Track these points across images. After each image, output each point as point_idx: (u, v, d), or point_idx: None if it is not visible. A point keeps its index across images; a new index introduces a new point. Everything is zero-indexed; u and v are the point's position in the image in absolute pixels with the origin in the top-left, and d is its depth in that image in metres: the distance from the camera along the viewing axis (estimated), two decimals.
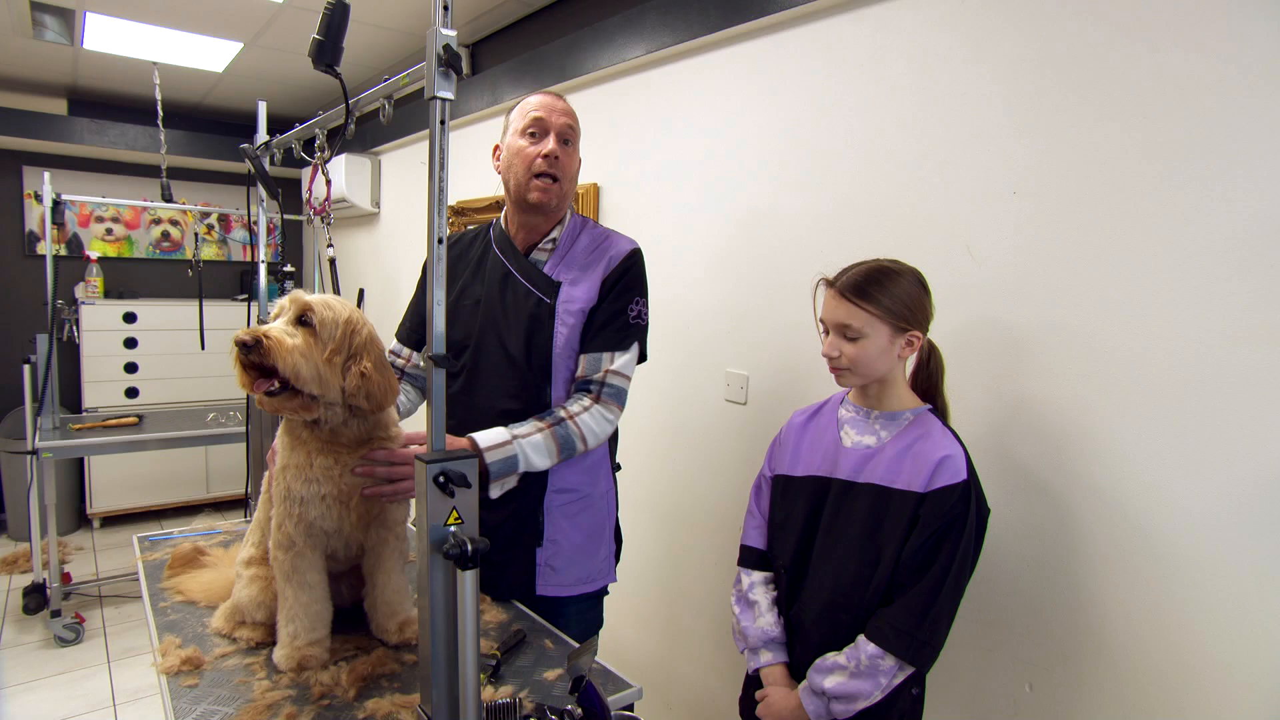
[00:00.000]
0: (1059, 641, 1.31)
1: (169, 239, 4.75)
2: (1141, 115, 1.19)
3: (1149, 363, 1.19)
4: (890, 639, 1.15)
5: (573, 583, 1.49)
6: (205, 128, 4.61)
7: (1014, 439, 1.37)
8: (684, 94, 2.08)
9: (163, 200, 3.37)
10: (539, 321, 1.40)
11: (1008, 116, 1.37)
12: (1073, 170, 1.28)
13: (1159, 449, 1.18)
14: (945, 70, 1.47)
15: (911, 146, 1.53)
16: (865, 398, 1.30)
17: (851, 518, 1.23)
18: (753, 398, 1.93)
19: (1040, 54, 1.32)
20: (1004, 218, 1.38)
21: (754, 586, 1.37)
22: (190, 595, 1.46)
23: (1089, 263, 1.26)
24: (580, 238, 1.47)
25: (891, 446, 1.22)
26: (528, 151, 1.39)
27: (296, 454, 1.16)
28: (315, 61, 1.18)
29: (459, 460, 0.93)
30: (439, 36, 0.90)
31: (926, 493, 1.16)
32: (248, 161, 1.66)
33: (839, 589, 1.23)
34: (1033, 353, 1.34)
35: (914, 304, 1.22)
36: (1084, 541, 1.28)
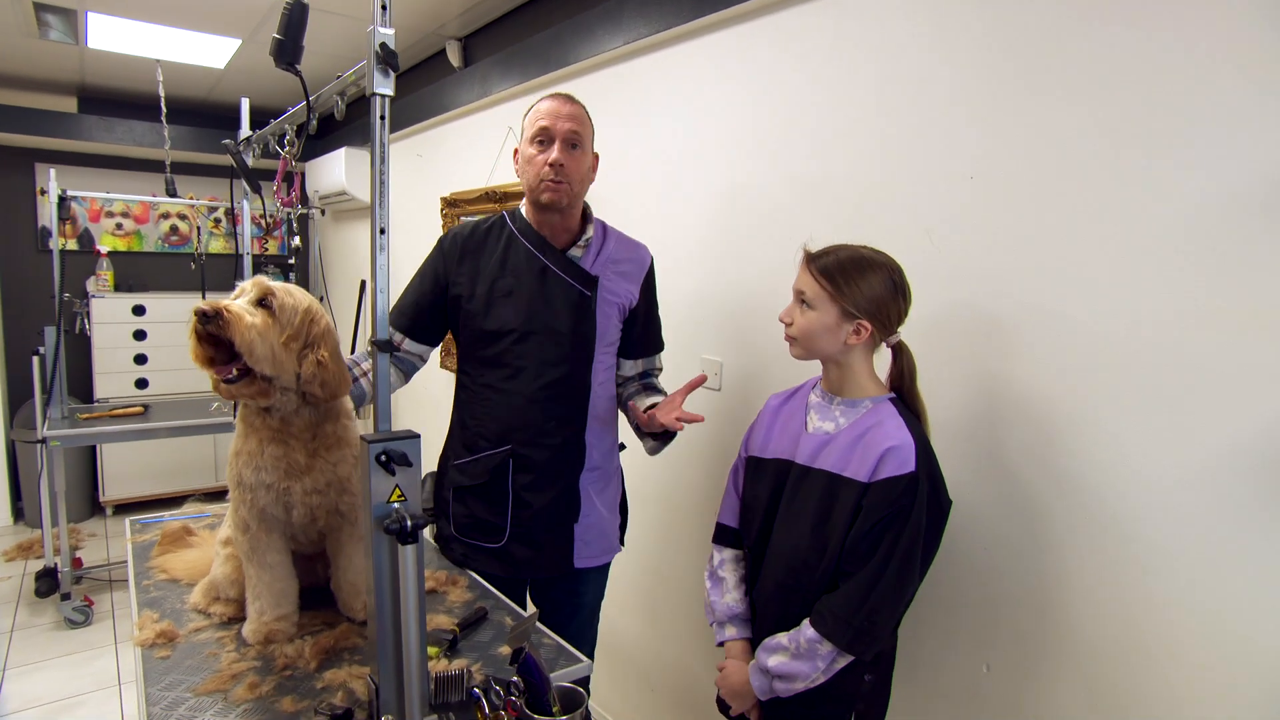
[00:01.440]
0: (1017, 623, 1.34)
1: (177, 233, 4.86)
2: (1097, 96, 1.20)
3: (1111, 344, 1.21)
4: (828, 625, 1.19)
5: (598, 553, 1.65)
6: (211, 123, 4.70)
7: (979, 423, 1.40)
8: (659, 84, 2.11)
9: (167, 195, 3.45)
10: (582, 311, 1.54)
11: (964, 101, 1.39)
12: (1030, 153, 1.30)
13: (1121, 429, 1.20)
14: (904, 56, 1.49)
15: (872, 133, 1.55)
16: (829, 384, 1.33)
17: (805, 503, 1.26)
18: (727, 384, 1.96)
19: (997, 38, 1.34)
20: (962, 202, 1.40)
21: (723, 563, 1.42)
22: (174, 573, 1.53)
23: (1048, 245, 1.28)
24: (608, 237, 1.63)
25: (846, 434, 1.25)
26: (537, 159, 1.50)
27: (249, 441, 1.21)
28: (276, 60, 1.22)
29: (400, 440, 0.98)
30: (377, 35, 0.94)
31: (870, 483, 1.18)
32: (230, 157, 1.72)
33: (790, 572, 1.27)
34: (994, 337, 1.36)
35: (875, 300, 1.23)
36: (1043, 523, 1.30)
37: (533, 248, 1.55)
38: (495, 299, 1.54)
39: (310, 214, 3.52)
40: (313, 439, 1.22)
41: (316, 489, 1.22)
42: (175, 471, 4.46)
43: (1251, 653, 1.06)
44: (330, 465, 1.23)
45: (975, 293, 1.39)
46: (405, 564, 0.96)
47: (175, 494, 4.46)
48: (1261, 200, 1.04)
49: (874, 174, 1.56)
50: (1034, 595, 1.31)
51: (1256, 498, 1.06)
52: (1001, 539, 1.36)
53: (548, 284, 1.53)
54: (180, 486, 4.46)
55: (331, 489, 1.24)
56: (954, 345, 1.43)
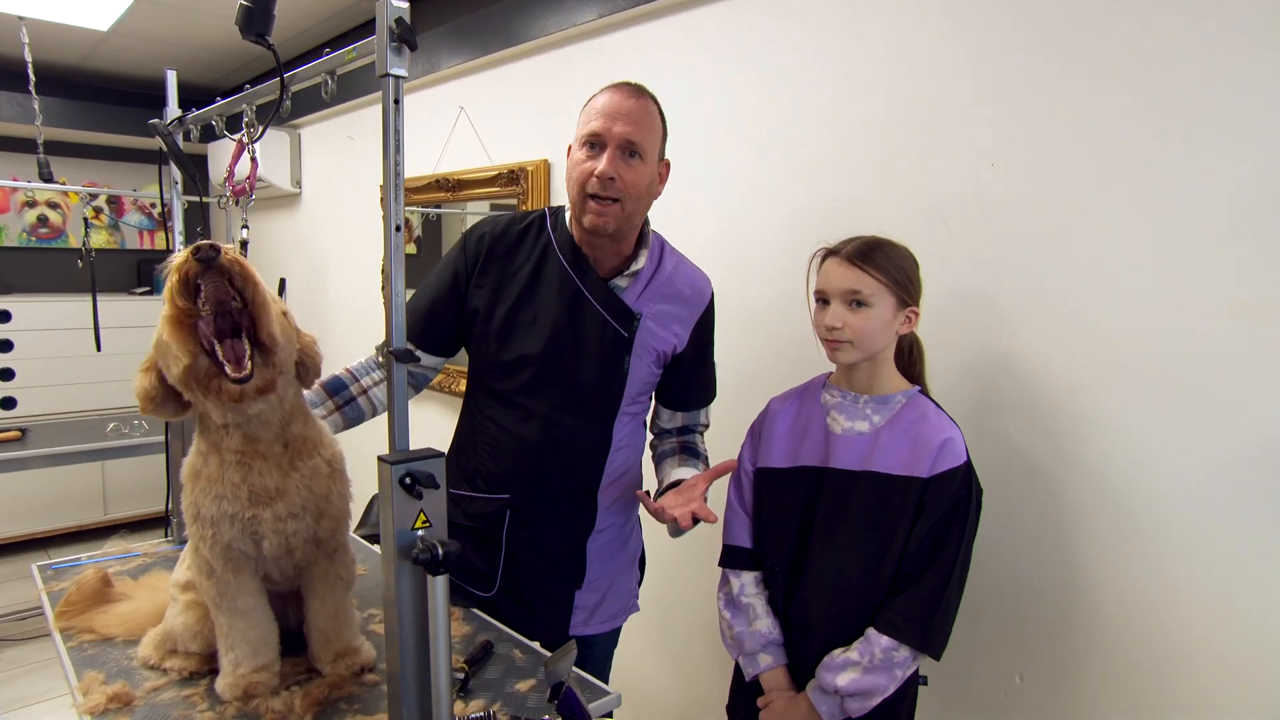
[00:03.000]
0: (1048, 629, 1.42)
1: (47, 224, 4.60)
2: (1126, 80, 1.29)
3: (1135, 336, 1.29)
4: (904, 630, 1.24)
5: (605, 619, 1.57)
6: (87, 95, 4.45)
7: (998, 417, 1.48)
8: (643, 62, 2.13)
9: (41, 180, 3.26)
10: (615, 356, 1.42)
11: (984, 85, 1.46)
12: (1053, 139, 1.37)
13: (1147, 425, 1.29)
14: (919, 36, 1.55)
15: (885, 117, 1.61)
16: (852, 381, 1.37)
17: (852, 508, 1.30)
18: (722, 386, 1.99)
19: (1018, 17, 1.41)
20: (982, 190, 1.47)
21: (745, 588, 1.43)
22: (105, 631, 1.41)
23: (1071, 235, 1.36)
24: (663, 263, 1.49)
25: (887, 432, 1.30)
26: (583, 167, 1.35)
27: (209, 463, 1.11)
28: (244, 31, 1.19)
29: (424, 460, 0.97)
30: (391, 9, 0.93)
31: (930, 478, 1.25)
32: (159, 139, 1.65)
33: (844, 583, 1.31)
34: (1015, 328, 1.44)
35: (913, 277, 1.32)
36: (1071, 522, 1.39)
37: (569, 268, 1.42)
38: (516, 325, 1.42)
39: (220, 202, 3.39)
40: (284, 448, 1.14)
41: (291, 513, 1.14)
42: (54, 506, 4.21)
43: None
44: (305, 481, 1.15)
45: (994, 284, 1.47)
46: (435, 598, 0.95)
47: (54, 532, 4.22)
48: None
49: (885, 161, 1.62)
50: (1063, 599, 1.40)
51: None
52: (1025, 539, 1.44)
53: (580, 316, 1.41)
54: (61, 523, 4.22)
55: (307, 512, 1.16)
56: (972, 338, 1.50)
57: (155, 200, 4.82)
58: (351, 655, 1.25)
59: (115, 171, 4.72)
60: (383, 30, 0.94)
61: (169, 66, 1.90)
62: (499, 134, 2.59)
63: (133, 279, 4.76)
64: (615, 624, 1.60)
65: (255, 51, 3.86)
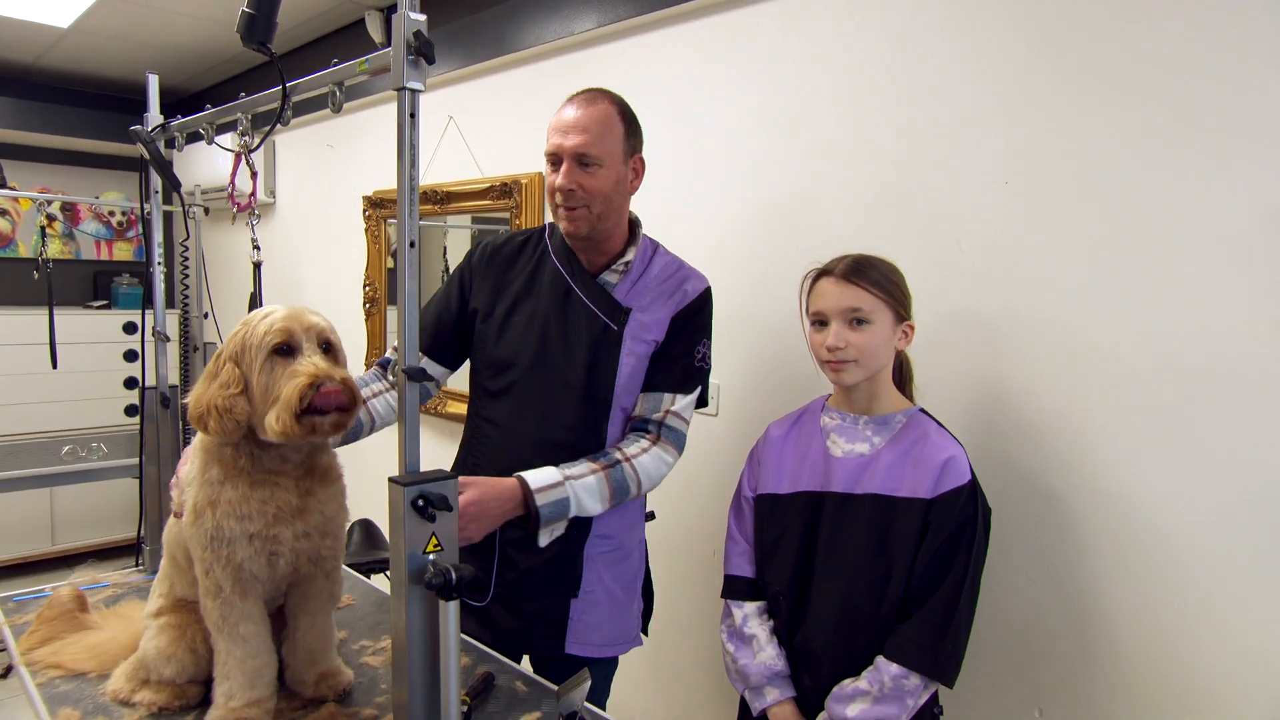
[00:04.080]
0: (1067, 661, 1.47)
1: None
2: (1143, 97, 1.35)
3: (1149, 360, 1.36)
4: (913, 656, 1.28)
5: (602, 643, 1.59)
6: (39, 96, 4.45)
7: (1008, 440, 1.53)
8: (642, 73, 2.19)
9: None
10: (604, 349, 1.51)
11: (998, 100, 1.53)
12: (1069, 157, 1.44)
13: (1161, 451, 1.35)
14: (929, 50, 1.62)
15: (894, 133, 1.68)
16: (852, 402, 1.43)
17: (854, 532, 1.35)
18: (724, 407, 2.05)
19: (1032, 32, 1.48)
20: (996, 209, 1.54)
21: (748, 619, 1.47)
22: (75, 666, 1.40)
23: (1086, 255, 1.42)
24: (653, 262, 1.60)
25: (888, 452, 1.36)
26: (549, 182, 1.52)
27: (231, 487, 1.18)
28: (245, 39, 1.23)
29: (437, 481, 1.01)
30: (409, 22, 0.98)
31: (934, 498, 1.30)
32: (141, 147, 1.68)
33: (849, 609, 1.35)
34: (1026, 350, 1.50)
35: (905, 290, 1.40)
36: (1086, 551, 1.44)
37: (561, 267, 1.57)
38: (512, 324, 1.56)
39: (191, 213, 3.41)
40: (306, 475, 1.22)
41: (307, 532, 1.22)
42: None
43: None
44: (320, 505, 1.24)
45: (1007, 303, 1.53)
46: (446, 623, 0.99)
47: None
48: None
49: (894, 178, 1.68)
50: (1080, 628, 1.45)
51: None
52: (1039, 566, 1.49)
53: (569, 311, 1.54)
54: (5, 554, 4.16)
55: (316, 532, 1.24)
56: (983, 358, 1.56)
57: (114, 209, 4.82)
58: (334, 677, 1.31)
59: (71, 177, 4.71)
60: (399, 43, 0.98)
61: (133, 68, 1.94)
62: (491, 145, 2.64)
63: (88, 291, 4.74)
64: (614, 651, 1.62)
65: (228, 53, 3.90)
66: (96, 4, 3.27)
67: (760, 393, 1.96)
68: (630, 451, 1.50)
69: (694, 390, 1.57)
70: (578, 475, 1.43)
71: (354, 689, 1.33)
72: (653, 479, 1.51)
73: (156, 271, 1.82)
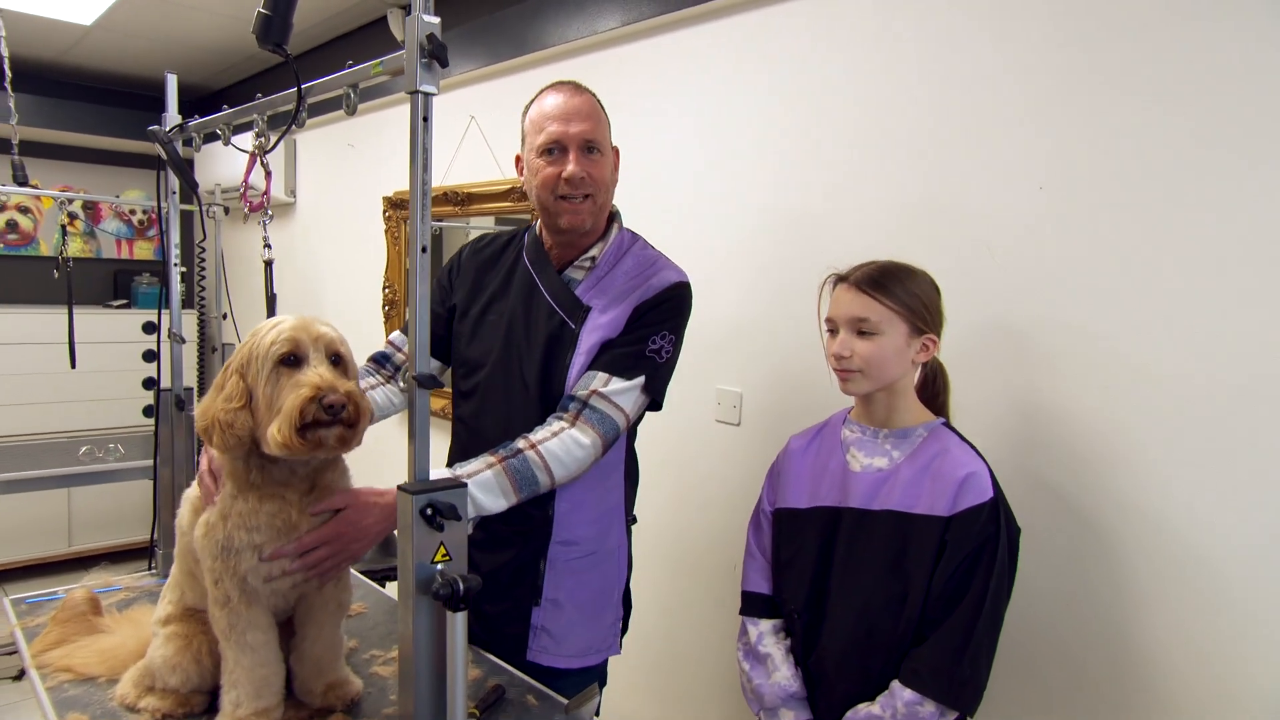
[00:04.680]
0: (1102, 688, 1.45)
1: (17, 230, 4.69)
2: (1186, 97, 1.34)
3: (1191, 374, 1.34)
4: (928, 682, 1.27)
5: (572, 653, 1.57)
6: (61, 93, 4.56)
7: (1040, 456, 1.52)
8: (667, 73, 2.20)
9: (15, 183, 3.35)
10: (559, 347, 1.51)
11: (1033, 101, 1.52)
12: (1107, 161, 1.43)
13: (1202, 469, 1.33)
14: (960, 49, 1.62)
15: (923, 135, 1.68)
16: (871, 415, 1.42)
17: (870, 549, 1.35)
18: (747, 418, 2.05)
19: (1068, 30, 1.47)
20: (1029, 214, 1.53)
21: (763, 637, 1.47)
22: (85, 670, 1.44)
23: (1125, 263, 1.41)
24: (624, 259, 1.57)
25: (907, 467, 1.35)
26: (548, 173, 1.48)
27: (242, 500, 1.22)
28: (261, 40, 1.26)
29: (447, 490, 1.02)
30: (422, 25, 1.00)
31: (952, 516, 1.29)
32: (159, 147, 1.72)
33: (863, 630, 1.34)
34: (1061, 362, 1.49)
35: (930, 304, 1.38)
36: (1123, 573, 1.42)
37: (529, 264, 1.59)
38: (485, 323, 1.59)
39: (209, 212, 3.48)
40: (310, 490, 1.25)
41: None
42: (11, 537, 4.25)
43: None
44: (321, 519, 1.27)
45: (1041, 314, 1.51)
46: (454, 636, 1.00)
47: (9, 565, 4.26)
48: None
49: (923, 182, 1.68)
50: (1116, 656, 1.43)
51: None
52: (1073, 589, 1.47)
53: (533, 308, 1.55)
54: (18, 555, 4.26)
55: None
56: (1015, 371, 1.55)
57: (135, 207, 4.93)
58: (343, 687, 1.33)
59: (93, 175, 4.82)
60: (413, 46, 1.00)
61: (155, 66, 1.98)
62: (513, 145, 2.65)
63: (109, 290, 4.85)
64: (585, 662, 1.58)
65: (249, 51, 3.97)
66: (119, 1, 3.35)
67: (784, 403, 1.96)
68: (537, 437, 1.40)
69: (635, 378, 1.45)
70: (471, 472, 1.34)
71: (363, 699, 1.35)
72: (566, 465, 1.40)
73: (174, 272, 1.87)
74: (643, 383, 1.47)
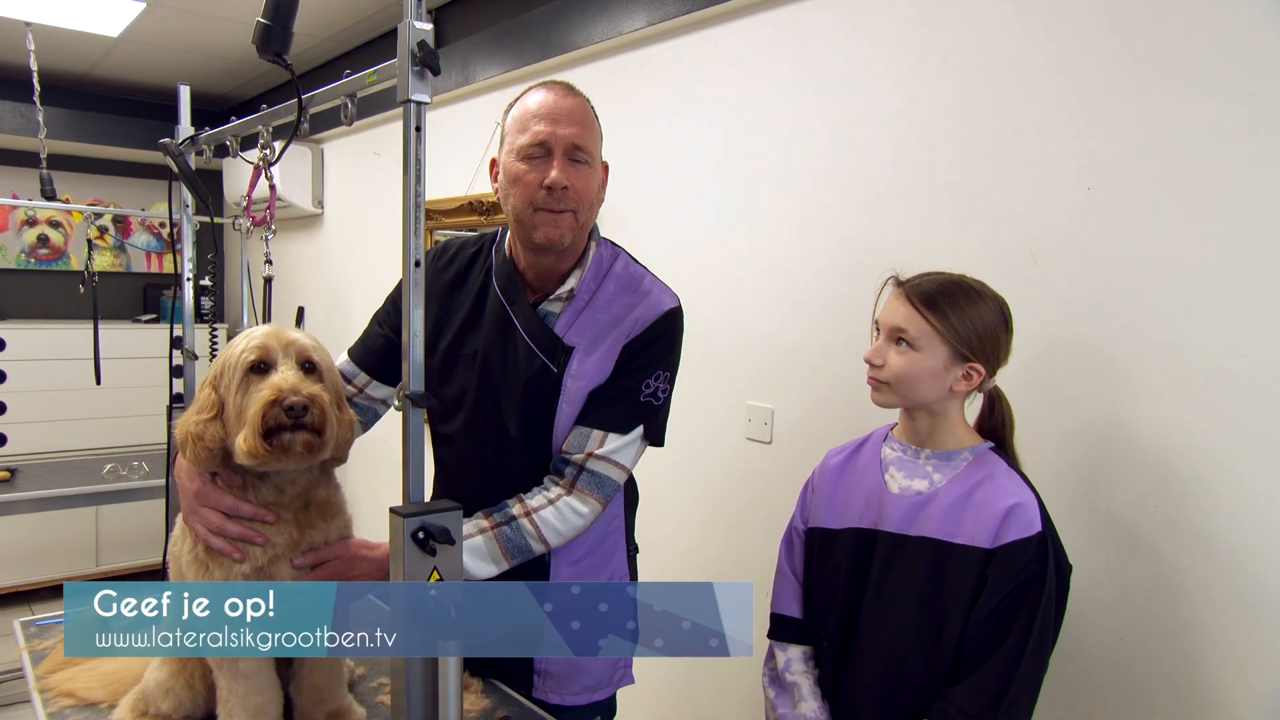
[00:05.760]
0: None
1: (48, 245, 4.86)
2: (1245, 88, 1.30)
3: (1266, 388, 1.28)
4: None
5: (579, 691, 1.54)
6: (92, 105, 4.71)
7: (1100, 484, 1.47)
8: (695, 74, 2.21)
9: (43, 198, 3.47)
10: (541, 393, 1.42)
11: (1077, 97, 1.48)
12: (1161, 159, 1.39)
13: (1271, 487, 1.27)
14: (1003, 43, 1.59)
15: (962, 133, 1.65)
16: (914, 433, 1.39)
17: (905, 578, 1.32)
18: (779, 436, 2.03)
19: (1117, 19, 1.44)
20: (1076, 217, 1.49)
21: (791, 664, 1.45)
22: (87, 695, 1.47)
23: (1183, 269, 1.36)
24: (605, 284, 1.47)
25: (947, 492, 1.32)
26: (528, 179, 1.38)
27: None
28: (261, 50, 1.29)
29: (440, 514, 1.03)
30: (413, 32, 1.02)
31: (995, 549, 1.25)
32: (169, 159, 1.77)
33: (894, 663, 1.32)
34: (1119, 379, 1.45)
35: (986, 334, 1.32)
36: (1195, 611, 1.36)
37: (500, 292, 1.47)
38: (458, 359, 1.49)
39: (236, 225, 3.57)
40: (304, 509, 1.26)
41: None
42: (41, 555, 4.37)
43: None
44: (318, 538, 1.28)
45: (1089, 326, 1.48)
46: (446, 664, 1.01)
47: (39, 584, 4.38)
48: None
49: (964, 184, 1.65)
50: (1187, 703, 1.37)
51: None
52: (1137, 630, 1.42)
53: (509, 347, 1.45)
54: (47, 574, 4.39)
55: None
56: (1070, 393, 1.51)
57: (164, 220, 5.08)
58: (344, 716, 1.34)
59: (123, 188, 4.98)
60: (404, 54, 1.02)
61: (183, 77, 2.04)
62: None
63: (138, 305, 5.00)
64: (594, 697, 1.56)
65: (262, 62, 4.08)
66: (144, 13, 3.47)
67: (819, 420, 1.93)
68: (533, 503, 1.38)
69: (633, 429, 1.42)
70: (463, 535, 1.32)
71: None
72: (561, 534, 1.39)
73: (186, 286, 1.92)
74: (641, 432, 1.44)
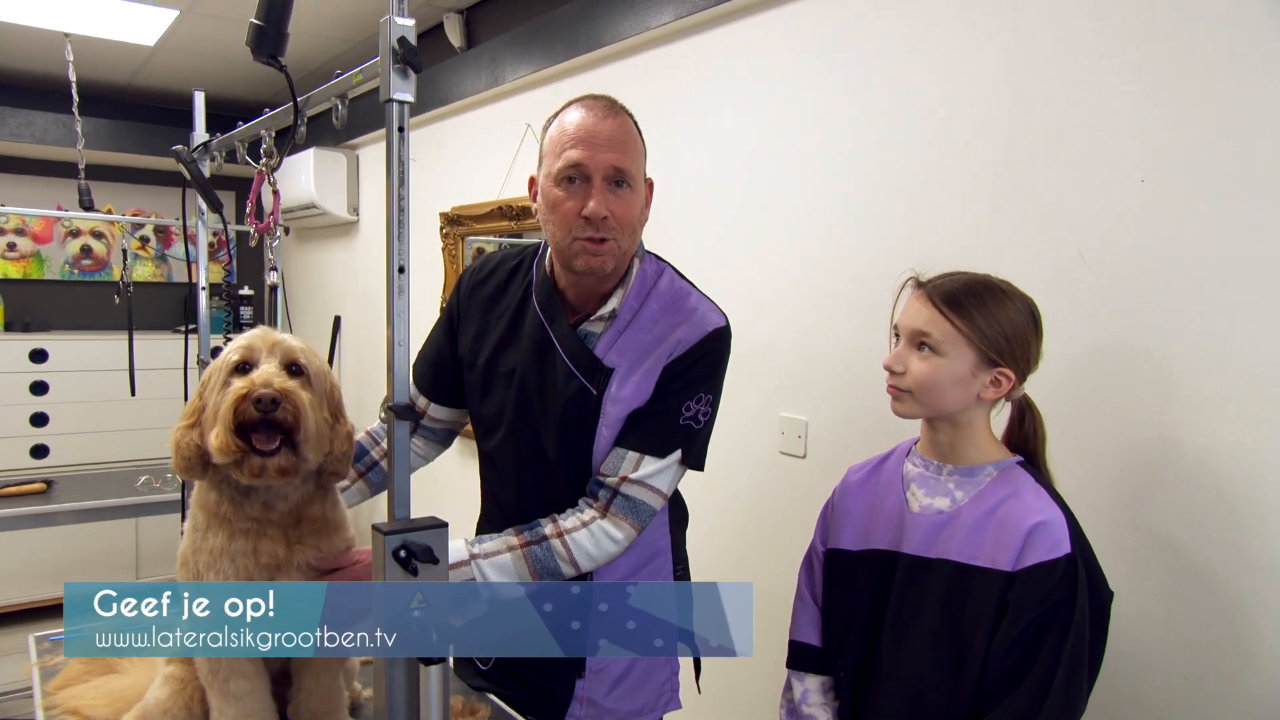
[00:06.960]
0: None
1: (91, 255, 5.04)
2: None
3: None
4: None
5: (627, 715, 1.54)
6: (135, 115, 4.88)
7: (1150, 502, 1.42)
8: (725, 69, 2.20)
9: (81, 208, 3.59)
10: (580, 416, 1.42)
11: (1131, 82, 1.44)
12: (1221, 149, 1.33)
13: None
14: (1050, 28, 1.55)
15: (1008, 123, 1.61)
16: (935, 447, 1.35)
17: (924, 603, 1.28)
18: (813, 449, 2.00)
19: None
20: (1130, 212, 1.44)
21: (808, 695, 1.42)
22: (91, 713, 1.48)
23: (1246, 269, 1.31)
24: (649, 302, 1.46)
25: (969, 511, 1.27)
26: (565, 207, 1.37)
27: (213, 536, 1.24)
28: (255, 52, 1.31)
29: (424, 530, 1.02)
30: (394, 28, 1.02)
31: (1016, 572, 1.20)
32: (182, 166, 1.82)
33: (914, 696, 1.28)
34: (1172, 389, 1.39)
35: (1015, 336, 1.27)
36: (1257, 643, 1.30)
37: (540, 309, 1.48)
38: (496, 377, 1.51)
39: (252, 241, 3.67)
40: (296, 525, 1.27)
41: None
42: (83, 566, 4.53)
43: None
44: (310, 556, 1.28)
45: (1141, 331, 1.43)
46: (429, 690, 1.00)
47: None
48: None
49: (1006, 176, 1.61)
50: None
51: None
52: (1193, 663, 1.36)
53: (547, 367, 1.45)
54: None
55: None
56: (1122, 406, 1.45)
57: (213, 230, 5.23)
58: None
59: (164, 197, 5.14)
60: (385, 52, 1.02)
61: (220, 83, 2.09)
62: None
63: (178, 315, 5.15)
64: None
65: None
66: (177, 20, 3.58)
67: (855, 433, 1.90)
68: (567, 525, 1.38)
69: (671, 453, 1.40)
70: (489, 552, 1.34)
71: None
72: (594, 559, 1.38)
73: (201, 295, 1.97)
74: (679, 456, 1.42)
